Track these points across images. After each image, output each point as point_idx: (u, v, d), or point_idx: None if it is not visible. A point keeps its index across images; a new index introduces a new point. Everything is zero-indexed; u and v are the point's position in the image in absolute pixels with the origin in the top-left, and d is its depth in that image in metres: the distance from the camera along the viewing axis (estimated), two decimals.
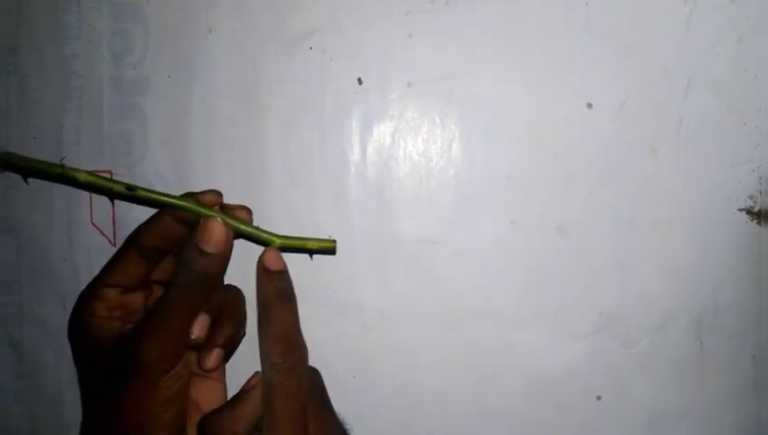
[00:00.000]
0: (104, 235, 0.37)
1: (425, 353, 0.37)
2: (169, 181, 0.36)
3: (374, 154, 0.37)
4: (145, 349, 0.26)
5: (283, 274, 0.29)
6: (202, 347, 0.29)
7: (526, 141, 0.37)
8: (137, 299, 0.30)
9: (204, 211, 0.28)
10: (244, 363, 0.34)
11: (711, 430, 0.38)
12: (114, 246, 0.37)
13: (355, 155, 0.37)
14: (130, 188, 0.28)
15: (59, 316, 0.38)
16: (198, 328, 0.28)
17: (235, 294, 0.32)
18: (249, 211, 0.32)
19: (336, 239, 0.32)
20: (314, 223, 0.36)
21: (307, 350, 0.29)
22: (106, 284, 0.29)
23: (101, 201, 0.37)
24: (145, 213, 0.31)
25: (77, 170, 0.28)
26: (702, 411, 0.37)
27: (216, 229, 0.27)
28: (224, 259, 0.28)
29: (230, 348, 0.30)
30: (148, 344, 0.26)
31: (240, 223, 0.29)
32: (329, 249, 0.31)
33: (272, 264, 0.29)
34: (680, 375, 0.37)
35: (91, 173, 0.28)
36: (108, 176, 0.36)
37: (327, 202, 0.36)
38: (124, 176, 0.37)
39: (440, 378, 0.37)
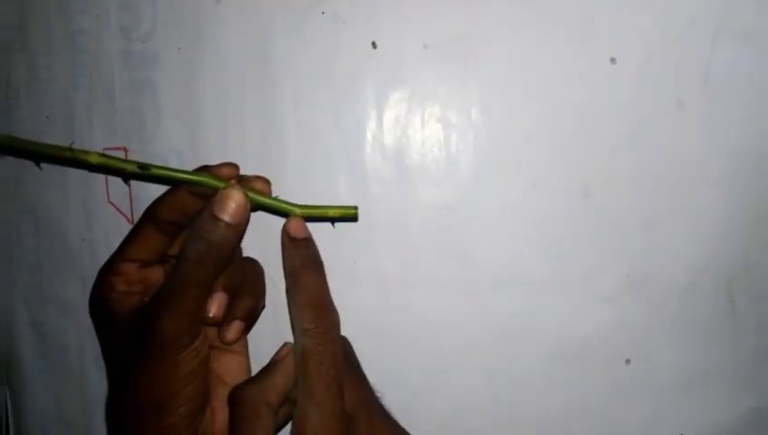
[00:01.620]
0: (121, 213, 0.37)
1: (448, 322, 0.36)
2: (185, 156, 0.36)
3: (391, 121, 0.35)
4: (160, 325, 0.25)
5: (309, 241, 0.28)
6: (221, 321, 0.29)
7: (547, 101, 0.35)
8: (156, 273, 0.29)
9: (220, 184, 0.28)
10: (268, 338, 0.34)
11: (741, 392, 0.37)
12: (131, 223, 0.36)
13: (371, 122, 0.35)
14: (143, 166, 0.27)
15: (79, 296, 0.37)
16: (216, 306, 0.27)
17: (253, 265, 0.32)
18: (268, 182, 0.31)
19: (357, 206, 0.30)
20: (332, 194, 0.35)
21: (338, 315, 0.28)
22: (124, 258, 0.29)
23: (117, 179, 0.36)
24: (161, 189, 0.31)
25: (87, 153, 0.27)
26: (732, 373, 0.36)
27: (233, 198, 0.26)
28: (240, 231, 0.27)
29: (250, 320, 0.30)
30: (162, 320, 0.25)
31: (259, 194, 0.29)
32: (350, 216, 0.30)
33: (297, 232, 0.28)
34: (710, 336, 0.36)
35: (102, 154, 0.27)
36: (122, 153, 0.36)
37: (344, 172, 0.35)
38: (138, 153, 0.36)
39: (465, 346, 0.36)
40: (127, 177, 0.28)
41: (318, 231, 0.31)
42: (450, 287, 0.36)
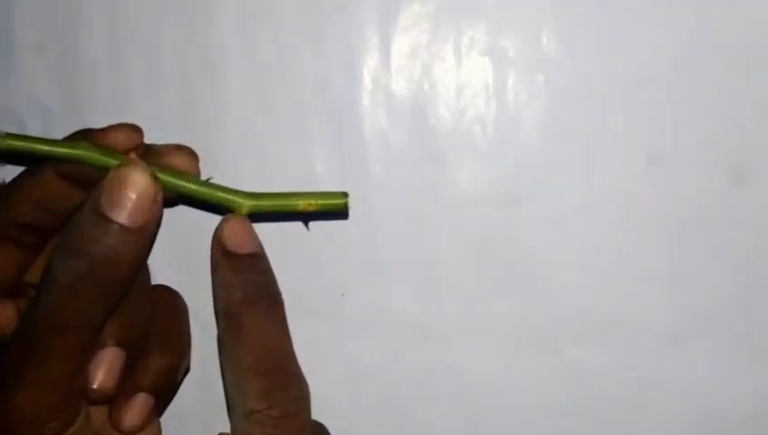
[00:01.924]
0: None
1: (501, 391, 0.26)
2: (55, 114, 0.27)
3: (403, 54, 0.25)
4: (10, 402, 0.21)
5: (257, 258, 0.23)
6: (115, 395, 0.24)
7: (678, 19, 0.24)
8: (5, 312, 0.25)
9: (110, 159, 0.22)
10: (195, 420, 0.28)
11: None
12: None
13: (372, 57, 0.25)
14: None
15: None
16: (104, 371, 0.23)
17: (170, 300, 0.27)
18: (193, 156, 0.25)
19: (347, 192, 0.23)
20: (306, 175, 0.26)
21: (307, 387, 0.23)
22: None
23: None
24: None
25: None
26: None
27: (133, 183, 0.21)
28: (145, 238, 0.22)
29: (163, 393, 0.25)
30: (14, 395, 0.21)
31: (177, 176, 0.23)
32: (336, 208, 0.23)
33: (237, 241, 0.23)
34: None
35: None
36: None
37: (326, 138, 0.26)
38: None
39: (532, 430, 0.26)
40: None
41: (278, 239, 0.25)
42: (503, 336, 0.26)
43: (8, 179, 0.25)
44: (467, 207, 0.25)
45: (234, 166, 0.26)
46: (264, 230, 0.23)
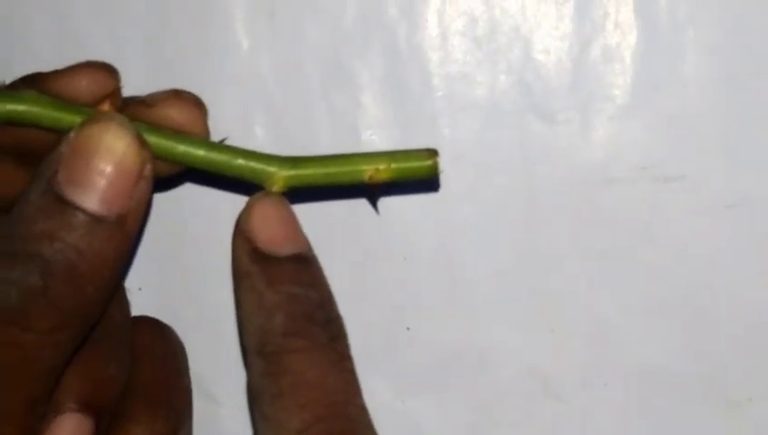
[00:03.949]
0: None
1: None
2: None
3: None
4: None
5: (305, 263, 0.17)
6: None
7: None
8: None
9: (70, 115, 0.17)
10: None
11: None
12: None
13: None
14: None
15: None
16: None
17: (159, 339, 0.21)
18: (198, 105, 0.18)
19: (436, 149, 0.16)
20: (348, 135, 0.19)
21: None
22: None
23: None
24: None
25: None
26: None
27: (105, 149, 0.16)
28: (124, 232, 0.16)
29: None
30: None
31: (175, 137, 0.17)
32: (420, 175, 0.16)
33: (274, 236, 0.16)
34: None
35: None
36: None
37: (376, 82, 0.19)
38: None
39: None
40: None
41: (327, 225, 0.19)
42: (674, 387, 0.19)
43: None
44: (601, 183, 0.18)
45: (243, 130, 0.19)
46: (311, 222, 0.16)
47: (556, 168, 0.18)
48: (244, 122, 0.20)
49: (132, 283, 0.20)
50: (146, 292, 0.21)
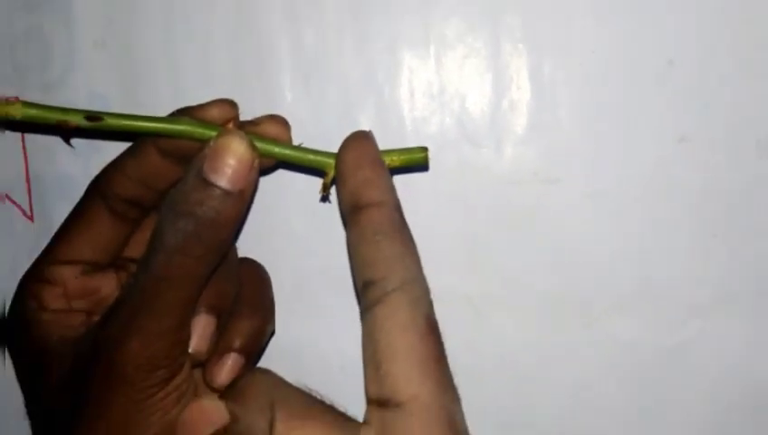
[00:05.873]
0: (15, 203, 0.27)
1: (546, 363, 0.25)
2: (111, 103, 0.27)
3: (442, 44, 0.25)
4: (123, 351, 0.21)
5: (386, 204, 0.21)
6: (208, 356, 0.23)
7: None
8: (107, 282, 0.24)
9: (210, 131, 0.22)
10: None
11: None
12: (32, 220, 0.28)
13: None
14: (93, 116, 0.22)
15: None
16: (198, 337, 0.22)
17: (254, 271, 0.27)
18: (285, 124, 0.24)
19: (426, 147, 0.22)
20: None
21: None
22: (58, 259, 0.24)
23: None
24: (83, 166, 0.26)
25: (9, 103, 0.21)
26: None
27: (232, 151, 0.21)
28: (244, 202, 0.21)
29: (253, 352, 0.25)
30: (128, 344, 0.21)
31: (271, 142, 0.23)
32: (418, 162, 0.23)
33: (369, 186, 0.21)
34: None
35: (29, 104, 0.21)
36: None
37: (370, 127, 0.24)
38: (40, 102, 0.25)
39: (575, 402, 0.25)
40: (68, 134, 0.22)
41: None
42: (548, 310, 0.26)
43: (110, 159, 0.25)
44: (509, 185, 0.25)
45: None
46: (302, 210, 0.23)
47: (481, 176, 0.25)
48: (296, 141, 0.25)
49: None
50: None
